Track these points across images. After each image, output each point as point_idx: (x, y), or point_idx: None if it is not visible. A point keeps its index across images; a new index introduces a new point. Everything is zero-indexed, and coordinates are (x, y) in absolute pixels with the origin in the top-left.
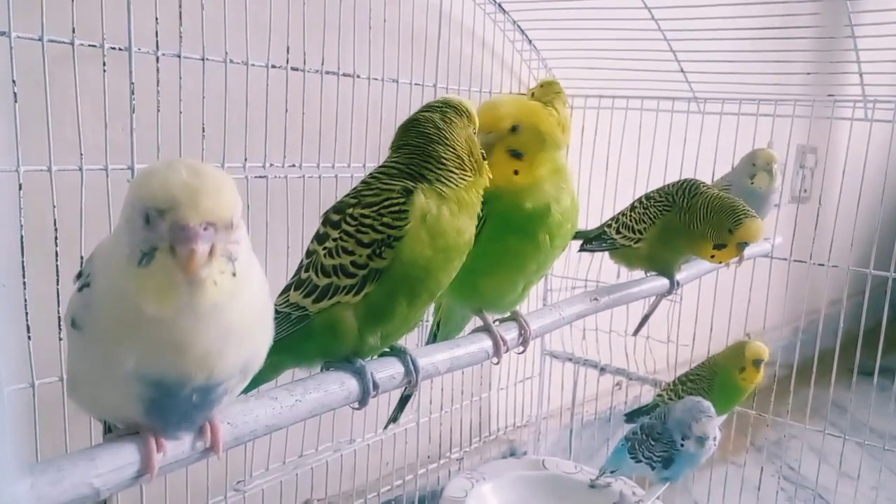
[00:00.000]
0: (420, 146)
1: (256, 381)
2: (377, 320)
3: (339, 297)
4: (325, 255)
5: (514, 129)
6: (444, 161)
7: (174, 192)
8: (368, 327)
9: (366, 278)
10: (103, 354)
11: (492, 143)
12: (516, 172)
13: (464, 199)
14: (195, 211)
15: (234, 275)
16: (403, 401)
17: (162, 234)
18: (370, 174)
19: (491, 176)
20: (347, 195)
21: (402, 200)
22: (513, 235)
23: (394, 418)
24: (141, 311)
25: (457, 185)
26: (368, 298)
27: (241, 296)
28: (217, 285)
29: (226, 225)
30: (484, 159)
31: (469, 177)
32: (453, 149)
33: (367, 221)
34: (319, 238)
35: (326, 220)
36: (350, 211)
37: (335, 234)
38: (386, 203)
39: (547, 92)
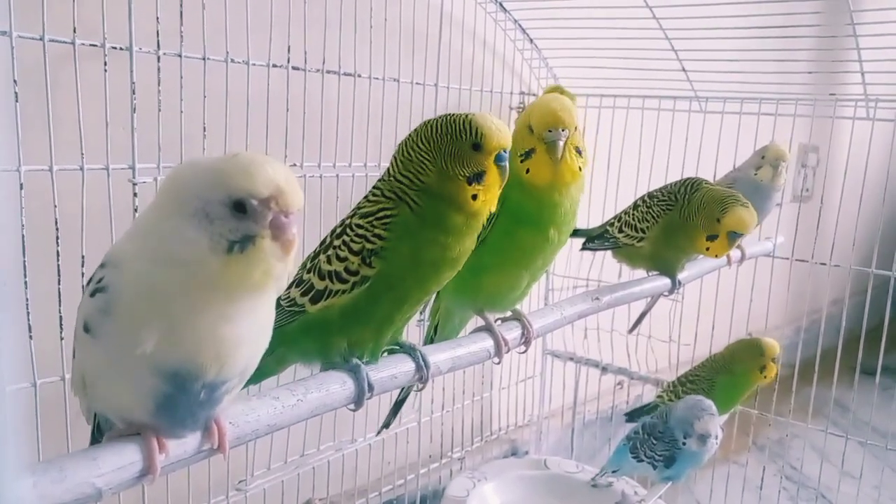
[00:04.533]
0: (399, 162)
1: (261, 375)
2: (361, 321)
3: (333, 300)
4: (324, 261)
5: (575, 128)
6: (413, 180)
7: (279, 183)
8: (352, 326)
9: (355, 284)
10: (122, 351)
11: (565, 142)
12: (580, 168)
13: (443, 220)
14: (295, 199)
15: None
16: (397, 406)
17: (264, 222)
18: (373, 186)
19: (483, 202)
20: (353, 209)
21: (393, 213)
22: (526, 229)
23: (386, 424)
24: (187, 299)
25: (434, 208)
26: (354, 301)
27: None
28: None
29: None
30: (476, 182)
31: (445, 199)
32: (422, 171)
33: (361, 232)
34: (325, 246)
35: (333, 231)
36: (349, 221)
37: (337, 242)
38: (379, 214)
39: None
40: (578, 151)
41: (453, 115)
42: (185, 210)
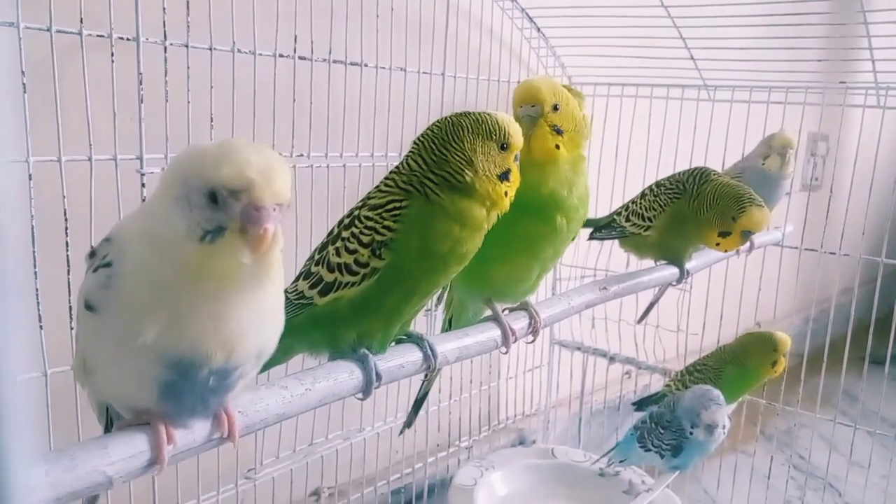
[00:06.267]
0: (428, 161)
1: (268, 364)
2: (370, 312)
3: (342, 292)
4: (333, 254)
5: (555, 107)
6: (448, 179)
7: (250, 175)
8: (362, 318)
9: (365, 276)
10: (123, 333)
11: (535, 117)
12: (557, 147)
13: (465, 215)
14: (270, 192)
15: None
16: (418, 404)
17: (233, 214)
18: (384, 178)
19: (510, 198)
20: (361, 200)
21: (403, 205)
22: (530, 218)
23: (408, 423)
24: (181, 285)
25: (457, 202)
26: (364, 293)
27: (274, 277)
28: (276, 262)
29: (288, 205)
30: (505, 180)
31: (475, 195)
32: (460, 171)
33: (370, 224)
34: (332, 237)
35: (340, 222)
36: (357, 213)
37: (346, 234)
38: (388, 206)
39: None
40: (557, 130)
41: (477, 114)
42: (174, 194)
